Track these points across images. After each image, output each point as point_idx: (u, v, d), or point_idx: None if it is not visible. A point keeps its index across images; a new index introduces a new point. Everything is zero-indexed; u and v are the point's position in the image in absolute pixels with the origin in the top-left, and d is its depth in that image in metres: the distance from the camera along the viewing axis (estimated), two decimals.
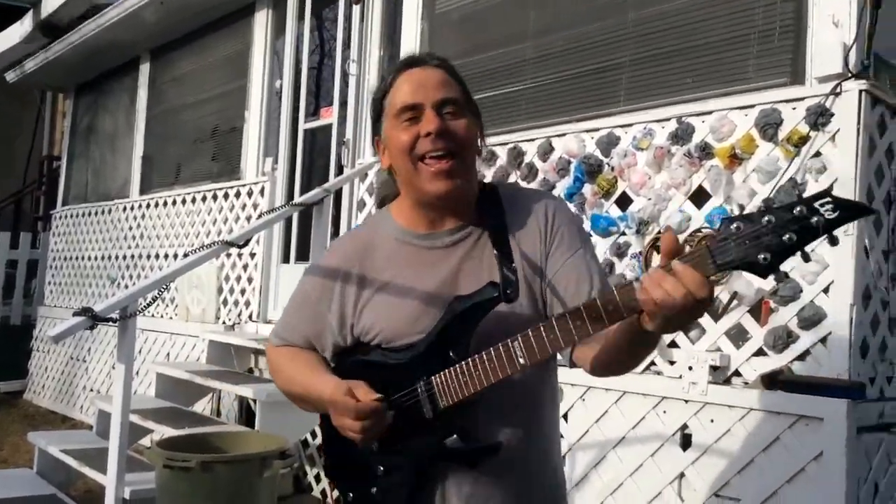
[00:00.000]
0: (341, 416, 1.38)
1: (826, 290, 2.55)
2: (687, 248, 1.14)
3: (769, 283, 2.64)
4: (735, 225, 1.09)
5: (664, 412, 2.83)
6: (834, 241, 1.08)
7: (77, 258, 7.52)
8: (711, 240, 1.12)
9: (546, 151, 3.46)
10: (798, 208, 1.06)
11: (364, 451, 1.48)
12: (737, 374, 2.73)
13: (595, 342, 1.37)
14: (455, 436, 1.40)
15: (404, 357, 1.44)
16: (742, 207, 2.77)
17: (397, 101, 1.45)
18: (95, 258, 7.18)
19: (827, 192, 1.06)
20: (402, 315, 1.47)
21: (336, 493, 4.34)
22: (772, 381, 2.60)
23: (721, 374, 2.74)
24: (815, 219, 1.05)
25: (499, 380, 1.33)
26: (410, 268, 1.49)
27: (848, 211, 1.06)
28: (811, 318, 2.56)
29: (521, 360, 1.30)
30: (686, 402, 2.77)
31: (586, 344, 1.39)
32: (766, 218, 1.07)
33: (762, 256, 1.08)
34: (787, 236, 1.06)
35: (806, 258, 1.13)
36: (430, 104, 1.43)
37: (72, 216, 7.79)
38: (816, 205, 1.05)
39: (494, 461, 1.42)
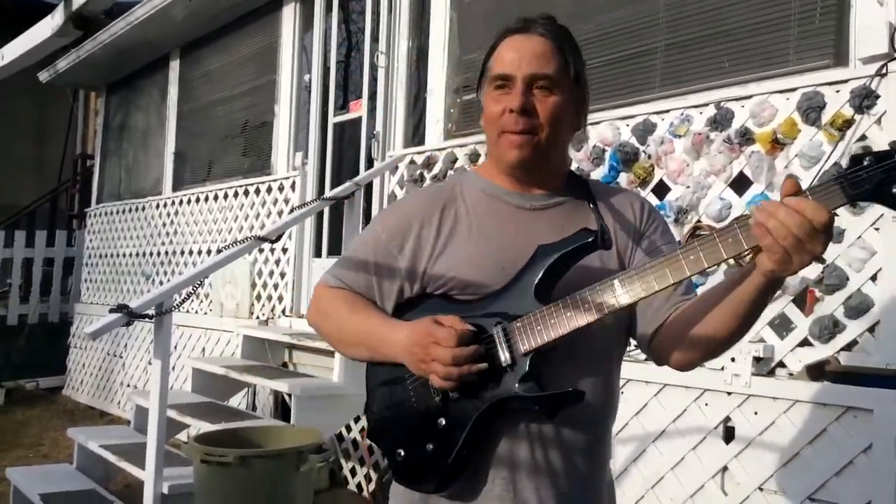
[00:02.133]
0: (430, 347, 1.30)
1: (874, 278, 2.47)
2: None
3: (814, 272, 2.57)
4: (867, 160, 1.11)
5: (706, 405, 2.78)
6: None
7: (112, 255, 7.61)
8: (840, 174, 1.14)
9: (580, 140, 3.40)
10: None
11: (421, 402, 1.38)
12: (781, 365, 2.66)
13: (686, 323, 1.34)
14: (533, 382, 1.30)
15: (481, 304, 1.37)
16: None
17: (494, 69, 1.43)
18: (130, 255, 7.26)
19: None
20: (481, 264, 1.39)
21: (373, 487, 4.34)
22: (818, 372, 2.53)
23: (765, 366, 2.67)
24: None
25: (593, 320, 1.28)
26: (496, 219, 1.43)
27: None
28: (858, 307, 2.49)
29: (623, 298, 1.26)
30: (729, 394, 2.71)
31: (673, 328, 1.37)
32: None
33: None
34: None
35: None
36: (521, 77, 1.38)
37: (106, 214, 7.88)
38: None
39: (570, 418, 1.33)
